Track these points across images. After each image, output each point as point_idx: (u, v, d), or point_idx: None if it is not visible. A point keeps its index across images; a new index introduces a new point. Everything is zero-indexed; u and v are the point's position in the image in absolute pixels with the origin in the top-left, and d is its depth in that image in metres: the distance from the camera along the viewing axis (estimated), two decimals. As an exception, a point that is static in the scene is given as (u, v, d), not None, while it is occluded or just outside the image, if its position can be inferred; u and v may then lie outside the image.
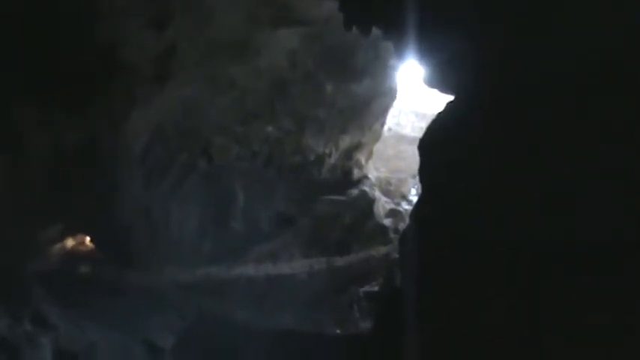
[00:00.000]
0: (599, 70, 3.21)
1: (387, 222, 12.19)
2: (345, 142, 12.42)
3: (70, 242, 10.63)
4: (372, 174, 13.86)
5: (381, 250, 11.01)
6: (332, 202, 12.01)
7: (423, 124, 18.62)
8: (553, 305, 3.41)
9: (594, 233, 3.19)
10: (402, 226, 11.68)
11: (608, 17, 3.16)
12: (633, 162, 3.04)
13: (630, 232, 3.05)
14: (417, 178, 6.07)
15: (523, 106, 3.75)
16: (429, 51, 4.94)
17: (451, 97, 4.98)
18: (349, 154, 12.77)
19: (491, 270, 3.89)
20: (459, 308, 4.17)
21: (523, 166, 3.70)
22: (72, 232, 10.49)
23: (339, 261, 10.85)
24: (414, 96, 17.62)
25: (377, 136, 13.46)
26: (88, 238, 10.66)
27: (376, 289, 9.89)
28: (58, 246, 10.37)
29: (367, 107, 11.99)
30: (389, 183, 15.77)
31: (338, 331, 9.36)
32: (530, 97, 3.68)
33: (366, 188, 12.59)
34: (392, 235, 11.60)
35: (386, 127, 14.92)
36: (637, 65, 3.06)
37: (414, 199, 14.56)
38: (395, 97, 12.65)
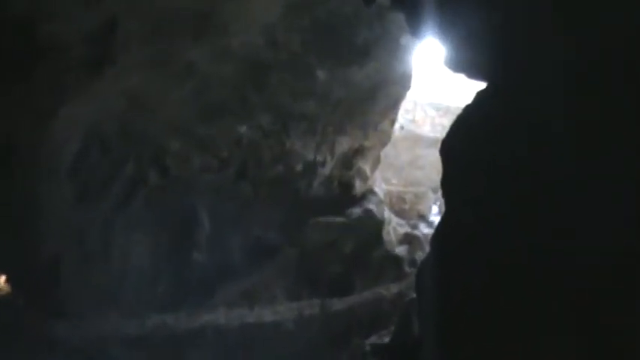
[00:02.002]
0: None
1: (401, 250, 12.23)
2: (343, 145, 12.46)
3: (-23, 283, 10.52)
4: (380, 187, 13.90)
5: (392, 289, 10.98)
6: (327, 226, 12.02)
7: (446, 121, 18.81)
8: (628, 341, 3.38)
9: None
10: (419, 255, 11.69)
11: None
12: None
13: None
14: (439, 192, 6.04)
15: (576, 97, 3.73)
16: (452, 24, 4.94)
17: (482, 85, 4.98)
18: (349, 161, 12.80)
19: (540, 312, 3.85)
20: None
21: (579, 174, 3.68)
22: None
23: (338, 303, 10.79)
24: (433, 84, 17.74)
25: (385, 138, 13.49)
26: (2, 278, 10.54)
27: (387, 340, 9.83)
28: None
29: (372, 100, 12.02)
30: (402, 199, 15.81)
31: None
32: (585, 86, 3.67)
33: (372, 206, 12.61)
34: (407, 268, 11.63)
35: (397, 126, 15.01)
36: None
37: (436, 219, 14.64)
38: (408, 86, 12.67)
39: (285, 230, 11.91)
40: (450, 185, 5.15)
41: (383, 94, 12.08)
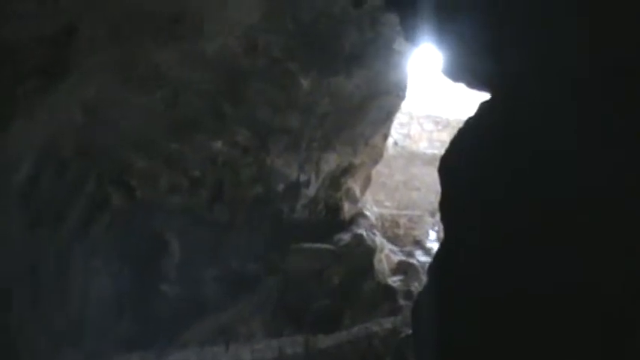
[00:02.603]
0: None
1: (395, 281, 12.23)
2: (330, 163, 12.45)
3: None
4: (372, 210, 13.92)
5: (385, 324, 10.91)
6: (312, 254, 11.99)
7: (445, 136, 18.87)
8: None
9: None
10: (415, 287, 11.67)
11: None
12: None
13: None
14: (438, 215, 6.02)
15: (588, 110, 3.72)
16: (451, 28, 4.94)
17: (485, 96, 4.96)
18: (336, 181, 12.80)
19: (555, 349, 3.82)
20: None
21: (592, 193, 3.66)
22: None
23: (324, 341, 10.71)
24: (430, 95, 17.80)
25: (377, 155, 13.52)
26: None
27: (379, 383, 9.85)
28: None
29: (362, 112, 12.03)
30: (396, 223, 15.81)
31: None
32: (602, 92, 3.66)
33: (363, 232, 12.62)
34: (401, 300, 11.59)
35: (390, 142, 15.06)
36: None
37: (434, 246, 14.65)
38: (403, 97, 12.68)
39: (265, 259, 11.88)
40: (449, 208, 5.12)
41: (374, 105, 12.09)
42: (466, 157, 4.88)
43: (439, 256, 5.41)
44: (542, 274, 3.94)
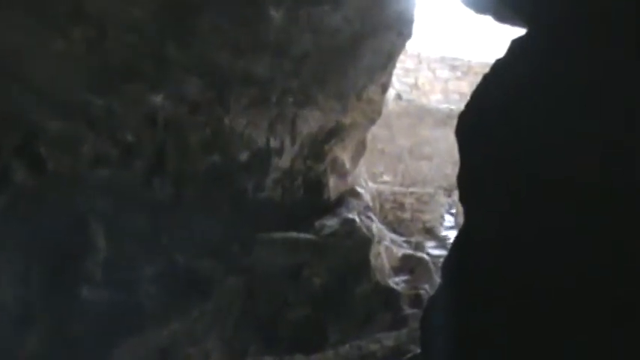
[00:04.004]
0: None
1: (398, 283, 12.25)
2: (311, 124, 12.44)
3: None
4: (367, 188, 13.92)
5: (385, 341, 10.94)
6: (286, 246, 12.00)
7: (465, 86, 18.84)
8: None
9: None
10: (426, 290, 11.70)
11: None
12: None
13: None
14: (455, 194, 6.00)
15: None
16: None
17: (520, 32, 4.95)
18: (319, 148, 12.79)
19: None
20: None
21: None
22: None
23: (302, 363, 10.81)
24: (445, 32, 17.81)
25: (374, 113, 13.50)
26: None
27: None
28: None
29: (353, 54, 12.00)
30: (400, 205, 15.78)
31: None
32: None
33: (354, 216, 12.63)
34: (407, 309, 11.62)
35: (391, 94, 15.01)
36: None
37: (450, 235, 14.65)
38: (408, 35, 12.66)
39: (224, 252, 11.85)
40: (471, 183, 5.11)
41: (369, 45, 12.06)
42: (494, 115, 4.85)
43: (457, 248, 5.42)
44: (585, 271, 3.96)
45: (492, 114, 4.88)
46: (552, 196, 4.17)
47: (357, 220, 12.53)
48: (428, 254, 13.49)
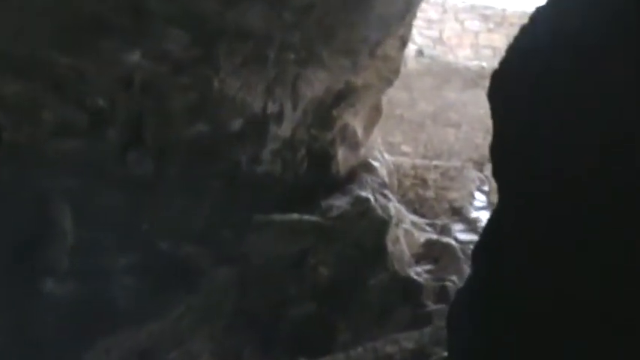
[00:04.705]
0: None
1: (420, 273, 12.24)
2: (315, 86, 12.39)
3: None
4: (383, 161, 13.90)
5: (404, 342, 10.95)
6: (287, 230, 11.98)
7: (499, 40, 18.79)
8: None
9: None
10: (453, 282, 11.70)
11: None
12: None
13: None
14: (488, 168, 5.97)
15: None
16: None
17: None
18: (326, 114, 12.77)
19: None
20: None
21: None
22: None
23: (308, 367, 10.82)
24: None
25: (391, 72, 13.46)
26: None
27: None
28: None
29: (365, 2, 11.95)
30: (422, 181, 15.78)
31: None
32: None
33: (368, 194, 12.60)
34: (430, 304, 11.61)
35: (411, 50, 14.97)
36: None
37: (482, 217, 14.64)
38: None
39: (213, 238, 11.85)
40: (506, 156, 5.08)
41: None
42: (534, 73, 4.82)
43: (490, 233, 5.39)
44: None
45: (532, 73, 4.84)
46: (609, 179, 4.14)
47: (372, 198, 12.49)
48: (455, 239, 13.49)
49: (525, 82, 4.91)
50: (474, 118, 17.32)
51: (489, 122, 5.18)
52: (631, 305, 3.75)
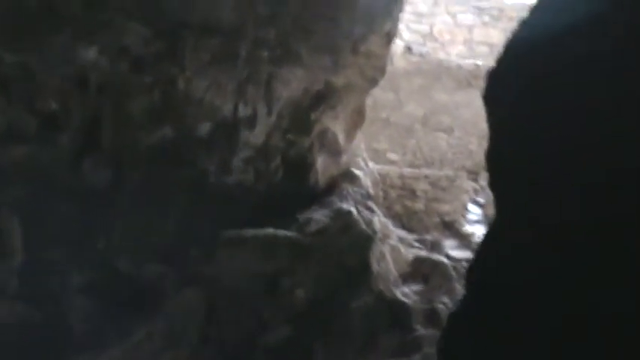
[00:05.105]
0: None
1: (407, 294, 12.25)
2: (292, 86, 12.41)
3: None
4: (367, 170, 13.93)
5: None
6: (260, 247, 11.99)
7: (496, 35, 18.85)
8: None
9: None
10: (445, 304, 11.72)
11: None
12: None
13: None
14: (483, 177, 5.96)
15: None
16: None
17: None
18: (303, 117, 12.79)
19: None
20: None
21: None
22: None
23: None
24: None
25: (376, 70, 13.50)
26: None
27: None
28: None
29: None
30: (411, 192, 15.80)
31: None
32: None
33: (350, 207, 12.61)
34: (420, 328, 11.62)
35: (399, 47, 15.02)
36: None
37: (477, 232, 14.68)
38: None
39: (178, 256, 11.83)
40: (505, 164, 5.08)
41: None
42: (535, 73, 4.82)
43: (486, 249, 5.40)
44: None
45: (532, 71, 4.84)
46: (619, 188, 4.14)
47: (354, 211, 12.49)
48: (447, 257, 13.52)
49: (525, 82, 4.92)
50: (467, 122, 17.38)
51: (485, 126, 5.20)
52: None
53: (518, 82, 4.93)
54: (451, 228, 14.68)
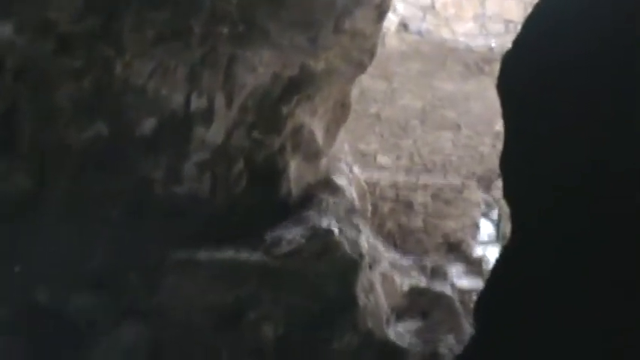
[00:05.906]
0: None
1: (401, 333, 12.25)
2: (258, 71, 12.37)
3: None
4: (352, 177, 13.91)
5: None
6: (219, 272, 11.93)
7: (514, 8, 18.89)
8: None
9: None
10: (449, 345, 11.72)
11: None
12: None
13: None
14: (498, 187, 5.94)
15: None
16: None
17: None
18: (271, 111, 12.76)
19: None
20: None
21: None
22: None
23: None
24: None
25: (363, 52, 13.51)
26: None
27: None
28: None
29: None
30: (407, 205, 15.75)
31: None
32: None
33: (331, 224, 12.58)
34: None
35: (392, 23, 15.02)
36: None
37: (489, 255, 14.63)
38: None
39: (115, 284, 11.78)
40: (524, 171, 5.08)
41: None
42: (561, 57, 4.80)
43: (501, 277, 5.39)
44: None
45: (557, 54, 4.82)
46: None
47: (335, 230, 12.45)
48: (452, 286, 13.51)
49: (549, 68, 4.91)
50: (478, 118, 17.36)
51: (500, 123, 5.21)
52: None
53: (540, 68, 4.92)
54: (457, 250, 14.68)
